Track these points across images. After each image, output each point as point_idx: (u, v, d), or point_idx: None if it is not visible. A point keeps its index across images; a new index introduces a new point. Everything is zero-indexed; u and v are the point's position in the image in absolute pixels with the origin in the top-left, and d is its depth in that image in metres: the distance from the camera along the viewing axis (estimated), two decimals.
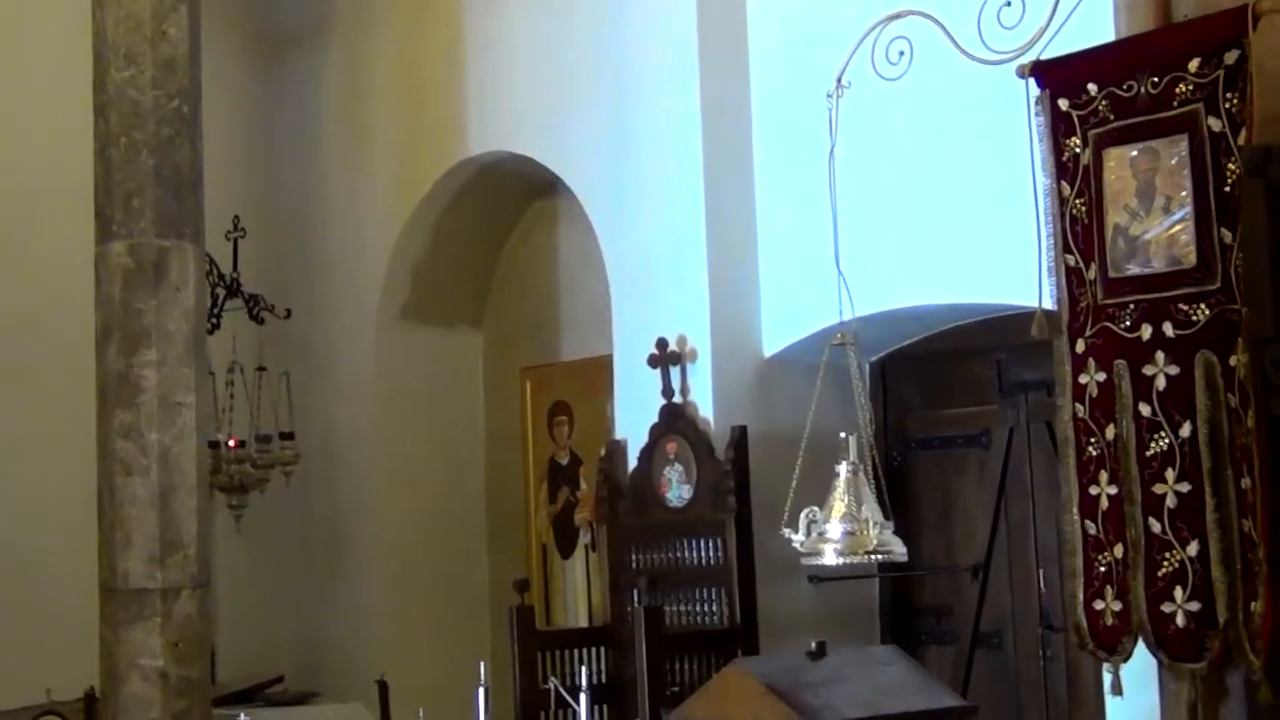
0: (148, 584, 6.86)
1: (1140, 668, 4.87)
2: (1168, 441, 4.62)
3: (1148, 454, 4.67)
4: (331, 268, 9.68)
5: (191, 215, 7.17)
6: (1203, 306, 4.58)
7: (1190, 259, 4.62)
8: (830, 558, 5.16)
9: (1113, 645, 4.82)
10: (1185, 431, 4.59)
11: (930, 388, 7.69)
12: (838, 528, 5.15)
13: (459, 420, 9.74)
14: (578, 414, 9.18)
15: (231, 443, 8.95)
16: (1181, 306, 4.62)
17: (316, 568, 9.64)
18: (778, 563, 6.77)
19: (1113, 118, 4.78)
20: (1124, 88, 4.76)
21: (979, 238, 6.57)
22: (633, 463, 7.71)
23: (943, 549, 7.57)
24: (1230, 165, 4.54)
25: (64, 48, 8.40)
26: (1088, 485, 4.83)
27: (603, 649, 7.50)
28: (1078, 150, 4.87)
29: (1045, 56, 4.97)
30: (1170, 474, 4.61)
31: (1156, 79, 4.67)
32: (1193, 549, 4.58)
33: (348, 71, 9.64)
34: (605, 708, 7.35)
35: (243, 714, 6.60)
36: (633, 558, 7.65)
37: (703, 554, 7.37)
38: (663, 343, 7.52)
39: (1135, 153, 4.74)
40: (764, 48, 7.60)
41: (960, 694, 6.24)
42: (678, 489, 7.50)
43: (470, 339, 9.86)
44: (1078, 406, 4.86)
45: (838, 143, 5.58)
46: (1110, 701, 5.20)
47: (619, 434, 7.92)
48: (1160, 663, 4.75)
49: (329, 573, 9.57)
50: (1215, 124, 4.56)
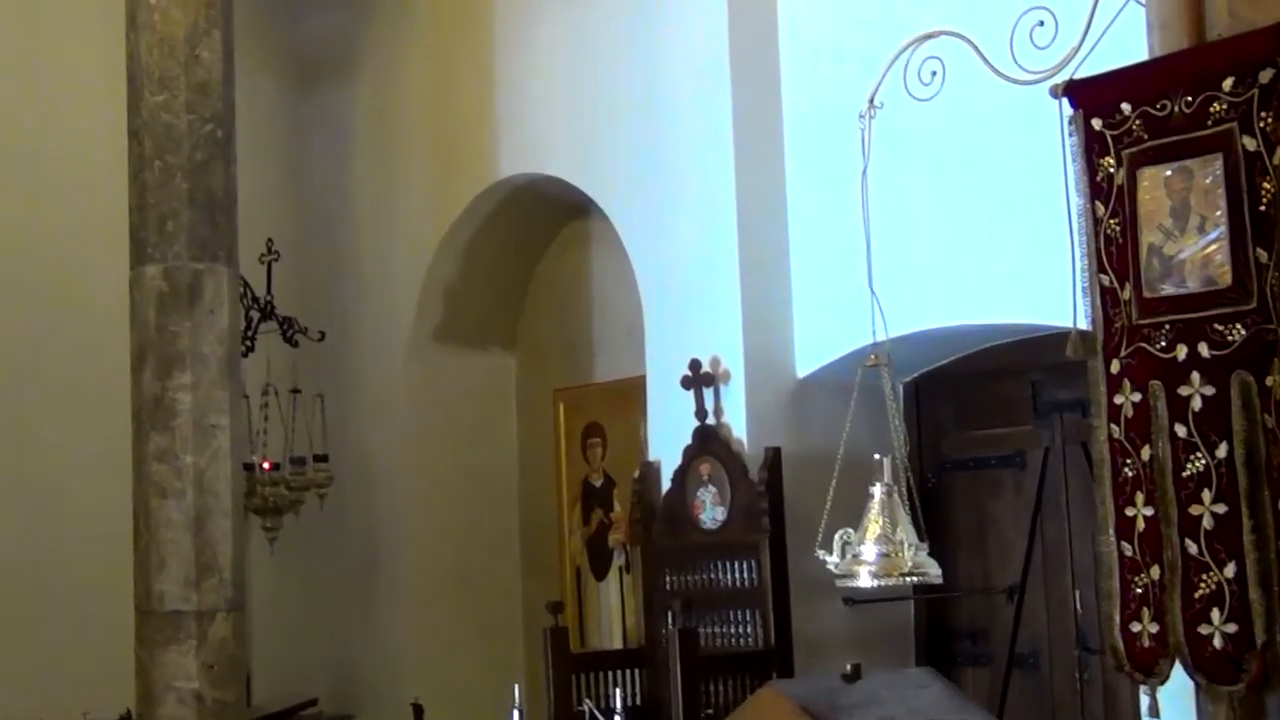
0: (183, 606, 6.89)
1: (1177, 690, 4.82)
2: (1204, 462, 4.58)
3: (1184, 475, 4.63)
4: (365, 290, 9.70)
5: (225, 238, 7.20)
6: (1238, 326, 4.55)
7: (1225, 279, 4.58)
8: (865, 580, 5.14)
9: (1150, 667, 4.78)
10: (1221, 452, 4.55)
11: (964, 408, 7.67)
12: (872, 549, 5.13)
13: (492, 442, 9.75)
14: (611, 435, 9.17)
15: (266, 465, 8.97)
16: (1217, 327, 4.59)
17: (351, 590, 9.64)
18: (812, 584, 6.75)
19: (1147, 137, 4.76)
20: (1158, 107, 4.74)
21: (1012, 258, 6.56)
22: (666, 484, 7.71)
23: (978, 570, 7.54)
24: (1265, 184, 4.51)
25: (98, 72, 8.46)
26: (1124, 506, 4.79)
27: (637, 671, 7.49)
28: (1112, 170, 4.85)
29: (1078, 76, 4.95)
30: (1207, 495, 4.58)
31: (1190, 98, 4.65)
32: (1230, 570, 4.54)
33: (380, 94, 9.67)
34: None
35: None
36: (667, 579, 7.63)
37: (737, 575, 7.36)
38: (696, 364, 7.51)
39: (1169, 172, 4.71)
40: (795, 68, 7.60)
41: (996, 717, 6.22)
42: (711, 510, 7.50)
43: (503, 361, 9.87)
44: (1113, 427, 4.83)
45: (870, 163, 5.57)
46: None
47: (652, 455, 7.92)
48: (1198, 685, 4.71)
49: (363, 595, 9.58)
50: (1250, 143, 4.53)
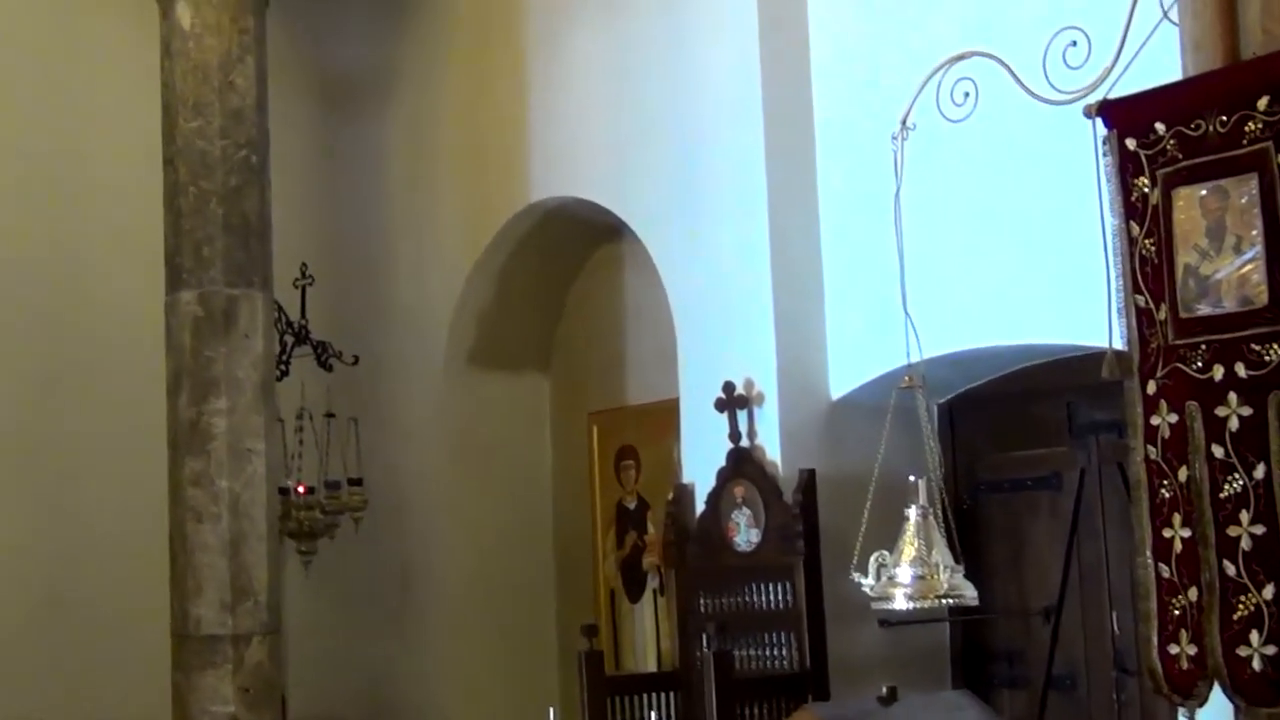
0: (219, 630, 6.92)
1: (1216, 712, 4.80)
2: (1241, 484, 4.56)
3: (1221, 496, 4.61)
4: (398, 314, 9.72)
5: (260, 263, 7.25)
6: (1275, 347, 4.52)
7: (1262, 298, 4.56)
8: (901, 602, 5.13)
9: (1188, 690, 4.75)
10: (1259, 473, 4.52)
11: (999, 430, 7.64)
12: (908, 572, 5.12)
13: (526, 465, 9.76)
14: (645, 458, 9.17)
15: (300, 489, 8.99)
16: (1254, 347, 4.57)
17: (385, 613, 9.65)
18: (847, 606, 6.72)
19: (1181, 157, 4.74)
20: (1192, 126, 4.72)
21: (1047, 278, 6.53)
22: (700, 507, 7.69)
23: (1014, 592, 7.50)
24: None
25: (133, 99, 8.52)
26: (1161, 528, 4.77)
27: (672, 694, 7.47)
28: (1146, 190, 4.83)
29: (1112, 96, 4.94)
30: (1245, 516, 4.55)
31: (1225, 117, 4.63)
32: (1269, 592, 4.51)
33: (413, 120, 9.71)
34: None
35: None
36: (701, 602, 7.62)
37: (772, 598, 7.33)
38: (729, 386, 7.50)
39: (1204, 192, 4.69)
40: (828, 90, 7.60)
41: None
42: (746, 533, 7.48)
43: (537, 384, 9.88)
44: (1150, 448, 4.81)
45: (903, 184, 5.56)
46: None
47: (686, 478, 7.90)
48: (1236, 707, 4.68)
49: (398, 618, 9.59)
50: None
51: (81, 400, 8.89)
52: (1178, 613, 4.73)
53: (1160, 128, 4.79)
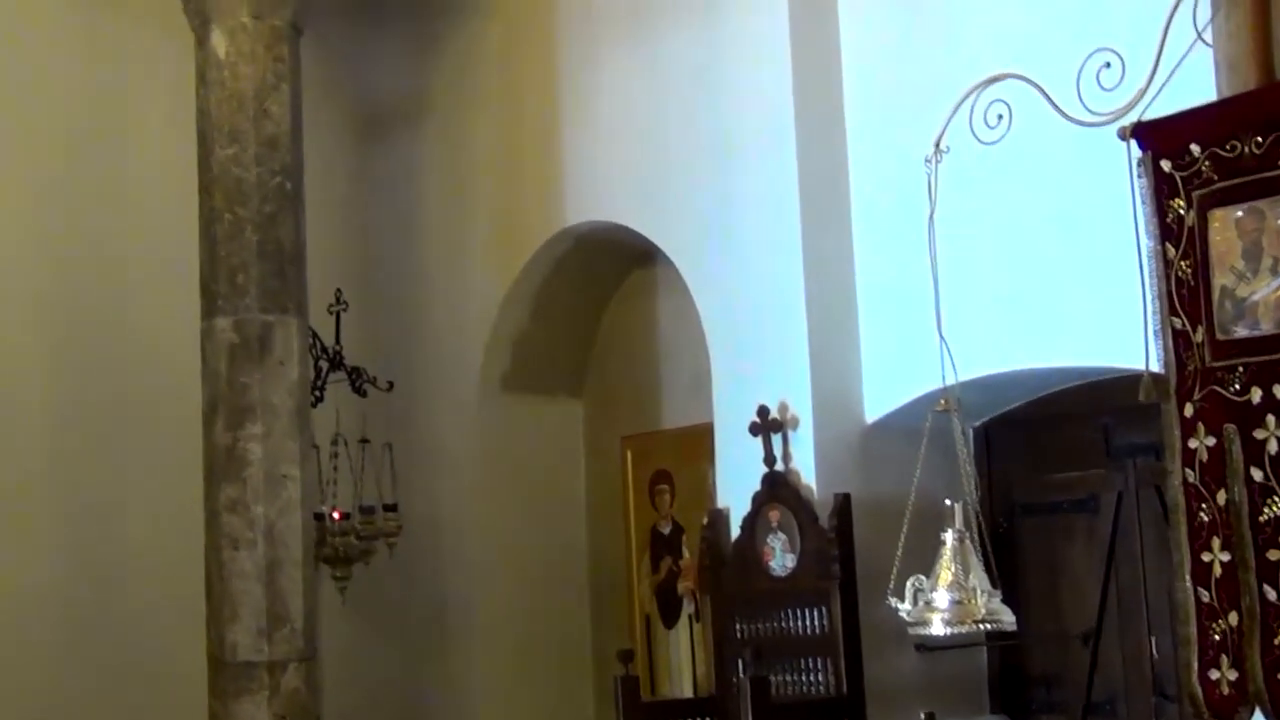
0: (255, 657, 6.93)
1: None
2: None
3: (1261, 519, 4.57)
4: (432, 339, 9.74)
5: (294, 290, 7.27)
6: None
7: None
8: (938, 627, 5.11)
9: (1229, 715, 4.72)
10: None
11: (1035, 452, 7.60)
12: (945, 596, 5.10)
13: (560, 490, 9.75)
14: (679, 482, 9.15)
15: (336, 515, 8.99)
16: None
17: (421, 639, 9.65)
18: (884, 631, 6.70)
19: (1216, 178, 4.72)
20: (1227, 148, 4.70)
21: (1082, 300, 6.50)
22: (735, 531, 7.68)
23: (1051, 616, 7.45)
24: None
25: (170, 127, 8.56)
26: (1200, 552, 4.74)
27: None
28: (1182, 212, 4.81)
29: (1146, 118, 4.92)
30: None
31: (1260, 138, 4.61)
32: None
33: (446, 145, 9.73)
34: None
35: None
36: (737, 627, 7.59)
37: (808, 623, 7.31)
38: (764, 410, 7.49)
39: (1240, 213, 4.67)
40: (861, 113, 7.59)
41: None
42: (781, 557, 7.46)
43: (570, 409, 9.88)
44: (1188, 472, 4.78)
45: (937, 207, 5.55)
46: None
47: (721, 502, 7.89)
48: None
49: (433, 644, 9.58)
50: None
51: (120, 427, 8.92)
52: (1218, 637, 4.70)
53: (1195, 149, 4.77)
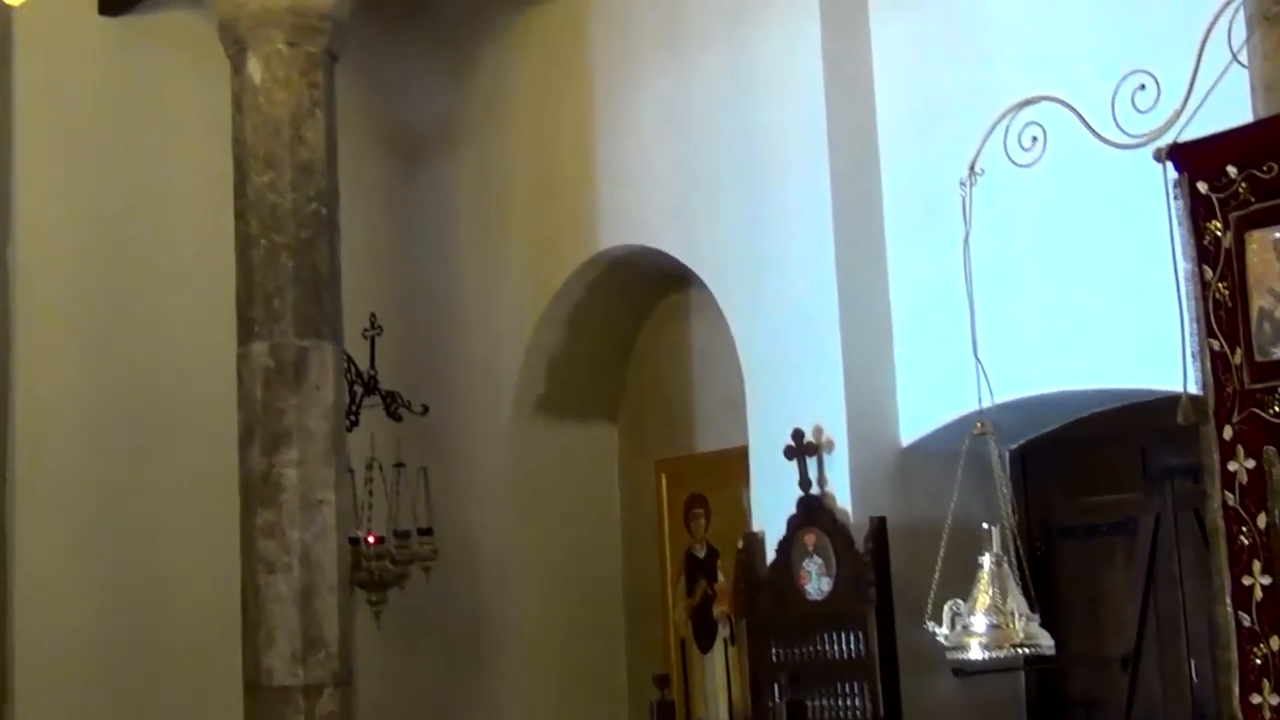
0: (290, 681, 6.92)
1: None
2: None
3: None
4: (467, 363, 9.75)
5: (330, 315, 7.28)
6: None
7: None
8: (976, 652, 5.08)
9: None
10: None
11: (1073, 475, 7.57)
12: (982, 620, 5.07)
13: (595, 514, 9.74)
14: (714, 506, 9.13)
15: (371, 539, 8.99)
16: None
17: (456, 663, 9.65)
18: (921, 655, 6.67)
19: (1254, 200, 4.70)
20: (1264, 169, 4.68)
21: (1119, 322, 6.49)
22: (771, 555, 7.66)
23: (1090, 640, 7.41)
24: None
25: (205, 153, 8.60)
26: (1240, 575, 4.70)
27: None
28: (1219, 233, 4.79)
29: (1182, 139, 4.91)
30: None
31: None
32: None
33: (481, 170, 9.75)
34: None
35: None
36: (773, 651, 7.57)
37: (844, 647, 7.28)
38: (799, 434, 7.48)
39: (1278, 235, 4.65)
40: (894, 136, 7.59)
41: None
42: (817, 581, 7.44)
43: (605, 432, 9.88)
44: (1227, 494, 4.75)
45: (972, 229, 5.53)
46: None
47: (756, 526, 7.87)
48: None
49: (469, 668, 9.58)
50: None
51: (155, 453, 8.96)
52: (1259, 662, 4.66)
53: (1232, 171, 4.75)
